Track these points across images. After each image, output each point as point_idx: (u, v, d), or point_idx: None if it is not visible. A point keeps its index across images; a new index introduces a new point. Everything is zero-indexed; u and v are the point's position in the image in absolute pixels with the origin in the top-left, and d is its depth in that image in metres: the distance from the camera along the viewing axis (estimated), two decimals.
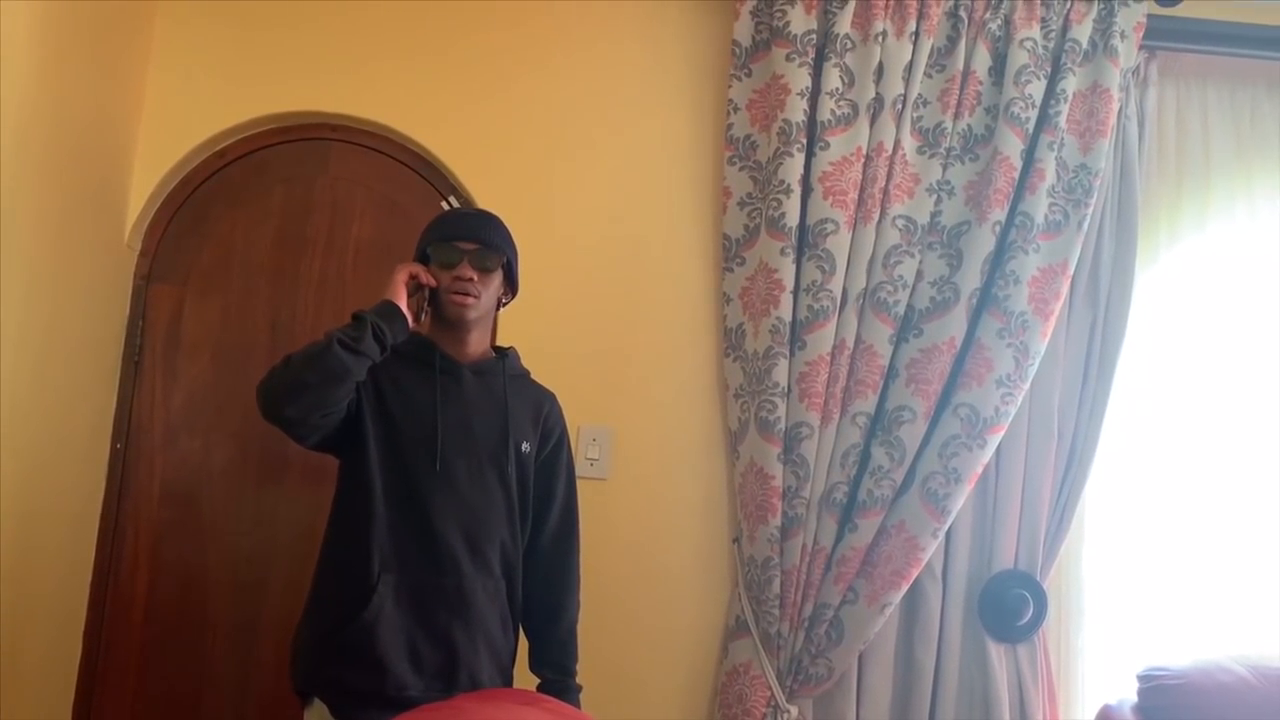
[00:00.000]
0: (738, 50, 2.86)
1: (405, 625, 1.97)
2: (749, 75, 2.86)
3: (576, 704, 2.17)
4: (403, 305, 2.02)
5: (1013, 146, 2.74)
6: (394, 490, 2.00)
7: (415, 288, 2.09)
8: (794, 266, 2.73)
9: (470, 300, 2.07)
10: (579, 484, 2.77)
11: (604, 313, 2.88)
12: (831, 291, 2.71)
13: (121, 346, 2.84)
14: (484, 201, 2.85)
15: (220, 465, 2.83)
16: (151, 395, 2.84)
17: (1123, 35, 2.82)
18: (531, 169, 2.90)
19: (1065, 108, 2.77)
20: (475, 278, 2.07)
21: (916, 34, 2.80)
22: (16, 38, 2.16)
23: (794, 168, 2.74)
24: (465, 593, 2.02)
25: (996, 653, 2.74)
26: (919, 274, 2.77)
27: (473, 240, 2.09)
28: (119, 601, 2.79)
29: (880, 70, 2.79)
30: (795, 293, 2.73)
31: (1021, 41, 2.79)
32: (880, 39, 2.78)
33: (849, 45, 2.80)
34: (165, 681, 2.77)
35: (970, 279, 2.72)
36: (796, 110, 2.75)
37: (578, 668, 2.22)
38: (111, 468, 2.81)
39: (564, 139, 2.92)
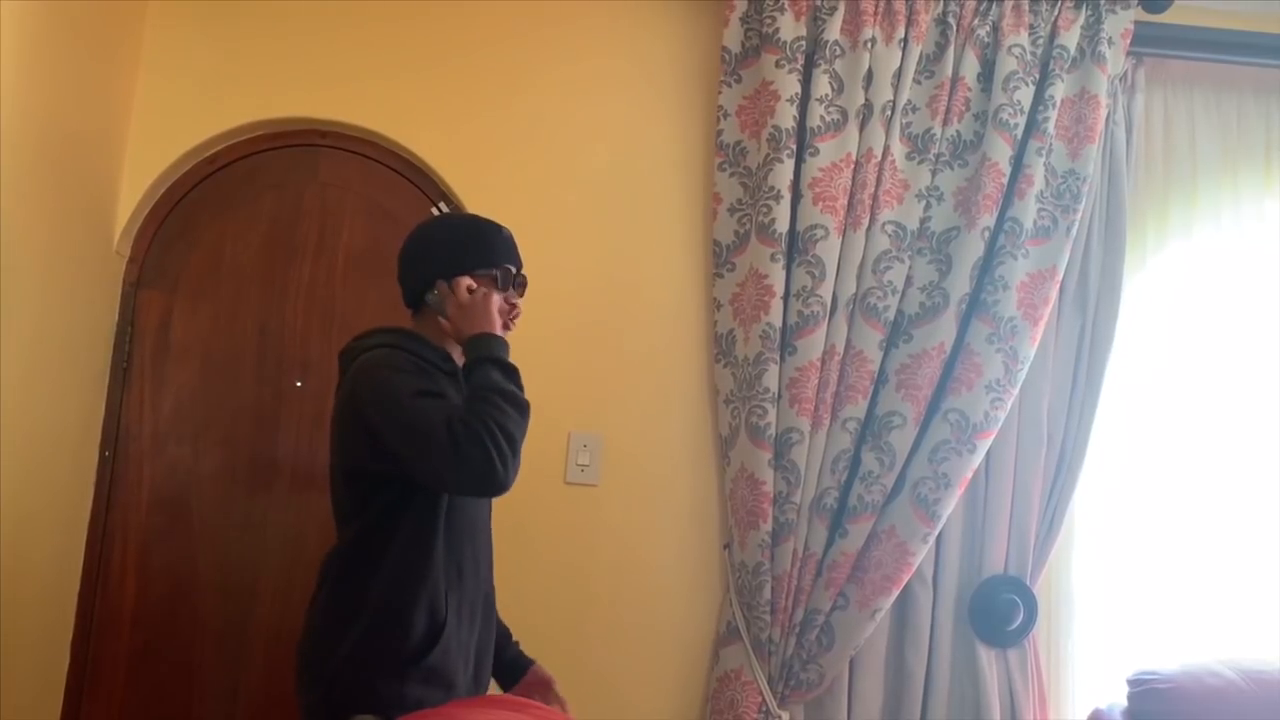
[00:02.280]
0: (727, 57, 2.87)
1: (463, 640, 1.94)
2: (739, 81, 2.87)
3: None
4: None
5: (1001, 152, 2.75)
6: (447, 507, 1.97)
7: None
8: (784, 272, 2.74)
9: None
10: (569, 489, 2.79)
11: (594, 319, 2.88)
12: (821, 297, 2.71)
13: (110, 352, 2.83)
14: (473, 208, 2.85)
15: (209, 471, 2.82)
16: (140, 401, 2.83)
17: (1110, 42, 2.83)
18: (521, 175, 2.90)
19: (1053, 114, 2.79)
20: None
21: (905, 40, 2.81)
22: (5, 43, 2.16)
23: (784, 174, 2.74)
24: (489, 600, 2.03)
25: (987, 657, 2.75)
26: (908, 279, 2.77)
27: (519, 265, 2.07)
28: (107, 608, 2.77)
29: (869, 77, 2.79)
30: (785, 298, 2.74)
31: (1010, 48, 2.80)
32: (869, 45, 2.79)
33: (838, 52, 2.81)
34: (154, 688, 2.76)
35: (959, 284, 2.72)
36: (786, 116, 2.76)
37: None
38: (100, 474, 2.80)
39: (554, 144, 2.92)
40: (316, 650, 1.88)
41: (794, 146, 2.77)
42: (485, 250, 2.02)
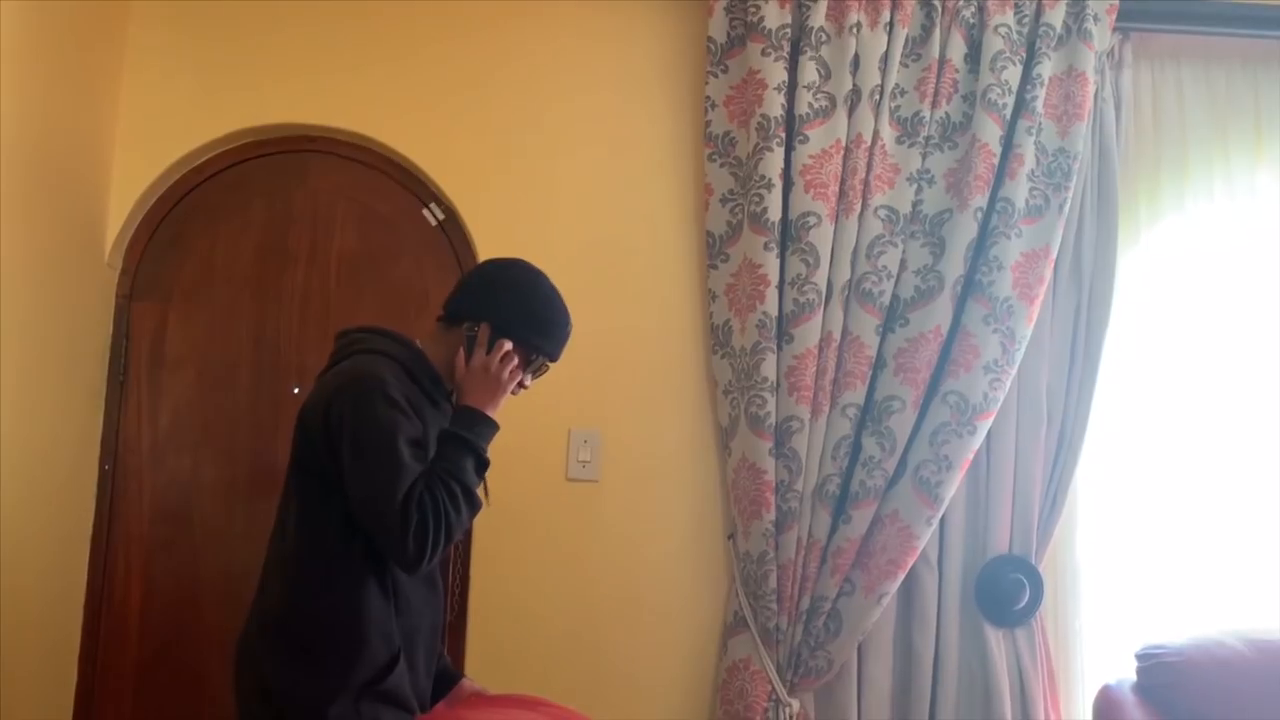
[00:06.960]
0: (713, 47, 2.86)
1: (416, 664, 1.93)
2: (725, 72, 2.86)
3: None
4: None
5: (991, 133, 2.75)
6: None
7: None
8: (778, 261, 2.73)
9: None
10: (571, 486, 2.79)
11: (590, 315, 2.84)
12: (816, 284, 2.71)
13: (106, 366, 2.82)
14: (466, 207, 2.85)
15: (209, 481, 2.82)
16: (138, 414, 2.83)
17: (1096, 18, 2.83)
18: (512, 173, 2.89)
19: (1042, 92, 2.78)
20: None
21: (891, 24, 2.80)
22: None
23: (774, 162, 2.74)
24: (439, 626, 2.05)
25: (995, 638, 2.75)
26: (903, 263, 2.77)
27: (555, 360, 2.08)
28: (113, 622, 2.77)
29: (856, 62, 2.79)
30: (780, 287, 2.74)
31: (996, 28, 2.79)
32: (855, 30, 2.79)
33: (824, 38, 2.80)
34: (163, 699, 2.76)
35: (954, 267, 2.72)
36: (774, 105, 2.75)
37: None
38: (101, 488, 2.79)
39: (543, 142, 2.91)
40: (263, 656, 1.84)
41: (783, 134, 2.76)
42: (545, 336, 2.02)
